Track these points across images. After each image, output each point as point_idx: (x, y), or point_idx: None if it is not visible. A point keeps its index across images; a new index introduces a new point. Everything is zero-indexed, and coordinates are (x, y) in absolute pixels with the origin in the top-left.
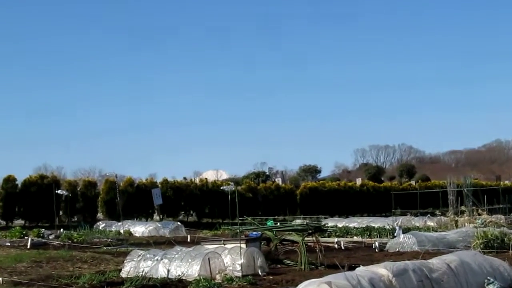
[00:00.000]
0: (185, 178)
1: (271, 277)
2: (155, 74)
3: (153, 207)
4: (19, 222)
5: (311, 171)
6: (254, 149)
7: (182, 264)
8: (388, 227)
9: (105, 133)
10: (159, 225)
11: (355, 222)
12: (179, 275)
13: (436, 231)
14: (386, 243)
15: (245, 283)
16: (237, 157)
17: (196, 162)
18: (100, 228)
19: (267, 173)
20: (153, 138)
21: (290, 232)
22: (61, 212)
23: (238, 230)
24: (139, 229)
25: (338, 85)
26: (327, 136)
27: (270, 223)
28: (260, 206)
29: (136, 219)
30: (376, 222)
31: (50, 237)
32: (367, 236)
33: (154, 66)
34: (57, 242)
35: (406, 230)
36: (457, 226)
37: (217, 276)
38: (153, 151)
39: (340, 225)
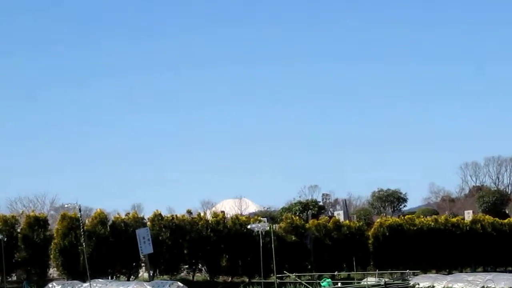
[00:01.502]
0: (189, 212)
1: None
2: None
3: (139, 258)
4: None
5: (392, 199)
6: (299, 167)
7: None
8: None
9: (59, 143)
10: (149, 287)
11: (463, 282)
12: None
13: None
14: None
15: None
16: (270, 180)
17: (206, 187)
18: None
19: (321, 203)
20: (137, 153)
21: None
22: None
23: None
24: None
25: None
26: (416, 144)
27: (326, 283)
28: (310, 255)
29: (112, 278)
30: (498, 281)
31: None
32: None
33: None
34: None
35: None
36: None
37: None
38: (138, 171)
39: (439, 286)
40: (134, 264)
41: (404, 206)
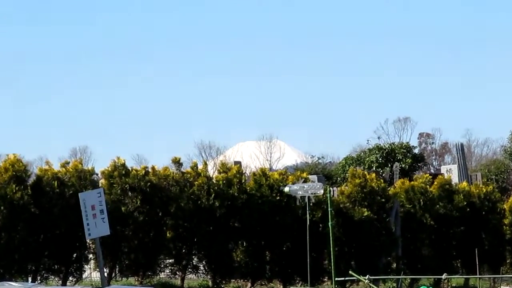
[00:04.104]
0: (177, 163)
1: None
2: None
3: (85, 245)
4: None
5: None
6: (375, 90)
7: None
8: None
9: None
10: None
11: None
12: None
13: None
14: None
15: None
16: (321, 111)
17: (207, 120)
18: None
19: (417, 151)
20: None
21: None
22: None
23: None
24: None
25: None
26: None
27: None
28: (397, 244)
29: (35, 280)
30: None
31: None
32: None
33: None
34: None
35: None
36: None
37: None
38: (80, 93)
39: None
40: (75, 255)
41: None
